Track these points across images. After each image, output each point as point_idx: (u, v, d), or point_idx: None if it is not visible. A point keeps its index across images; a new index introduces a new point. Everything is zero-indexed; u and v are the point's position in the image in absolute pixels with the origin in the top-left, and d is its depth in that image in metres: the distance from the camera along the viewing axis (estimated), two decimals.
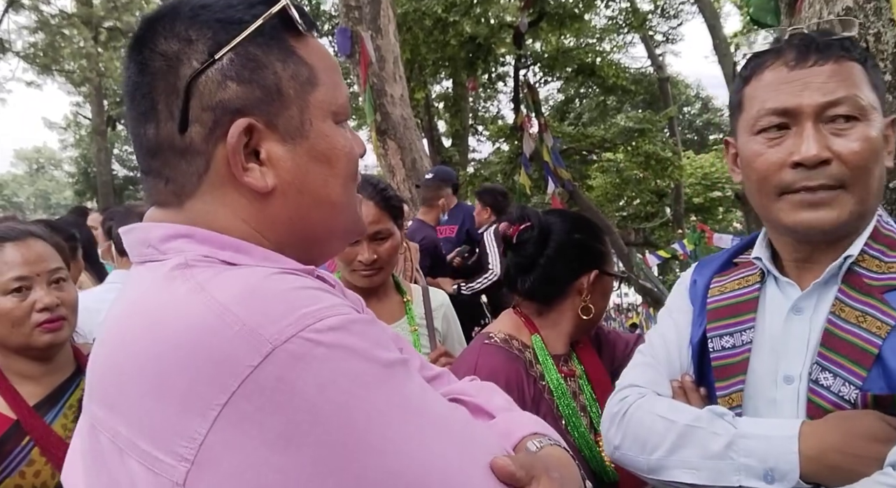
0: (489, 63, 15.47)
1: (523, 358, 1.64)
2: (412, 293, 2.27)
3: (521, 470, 0.71)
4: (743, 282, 1.22)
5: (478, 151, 23.11)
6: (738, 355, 1.15)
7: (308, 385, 0.62)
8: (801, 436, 0.99)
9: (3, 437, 1.50)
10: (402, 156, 7.13)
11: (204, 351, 0.62)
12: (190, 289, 0.68)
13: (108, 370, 0.70)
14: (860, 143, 1.04)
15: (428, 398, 0.72)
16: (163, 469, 0.63)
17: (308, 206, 0.79)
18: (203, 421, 0.61)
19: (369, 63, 6.82)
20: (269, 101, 0.75)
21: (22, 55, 18.92)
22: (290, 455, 0.61)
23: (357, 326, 0.68)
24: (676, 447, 1.10)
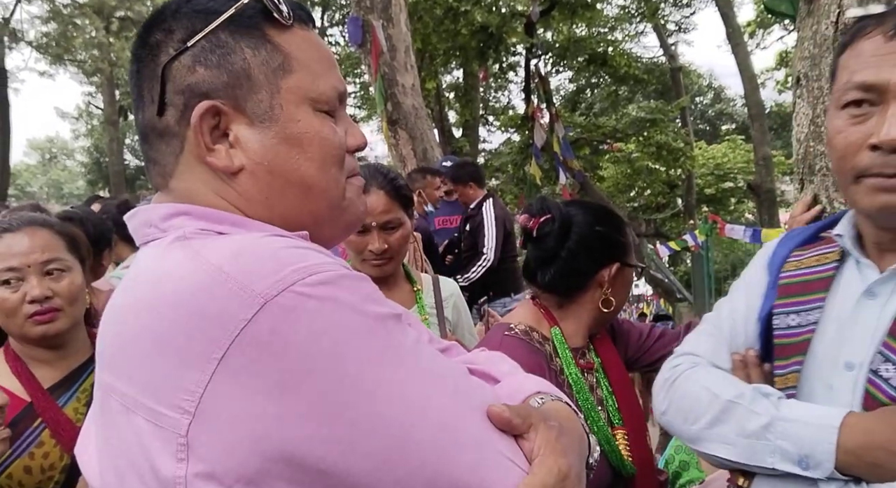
0: (500, 52, 15.39)
1: (544, 350, 1.63)
2: (422, 282, 2.28)
3: (517, 418, 0.73)
4: (821, 258, 1.15)
5: (488, 141, 23.05)
6: (800, 335, 1.10)
7: (300, 335, 0.65)
8: (844, 428, 0.96)
9: (16, 419, 1.52)
10: (414, 146, 7.13)
11: (199, 308, 0.66)
12: (186, 255, 0.72)
13: (114, 337, 0.74)
14: None
15: (422, 350, 0.73)
16: (166, 422, 0.66)
17: (281, 187, 0.81)
18: (202, 375, 0.64)
19: (380, 52, 6.80)
20: (236, 85, 0.79)
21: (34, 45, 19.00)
22: (286, 403, 0.64)
23: (347, 281, 0.70)
24: (716, 421, 1.09)
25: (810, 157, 1.59)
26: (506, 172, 17.14)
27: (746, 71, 15.64)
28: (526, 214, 1.76)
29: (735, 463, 1.08)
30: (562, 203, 1.77)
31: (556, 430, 0.75)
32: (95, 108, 29.18)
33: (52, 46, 19.17)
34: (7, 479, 1.50)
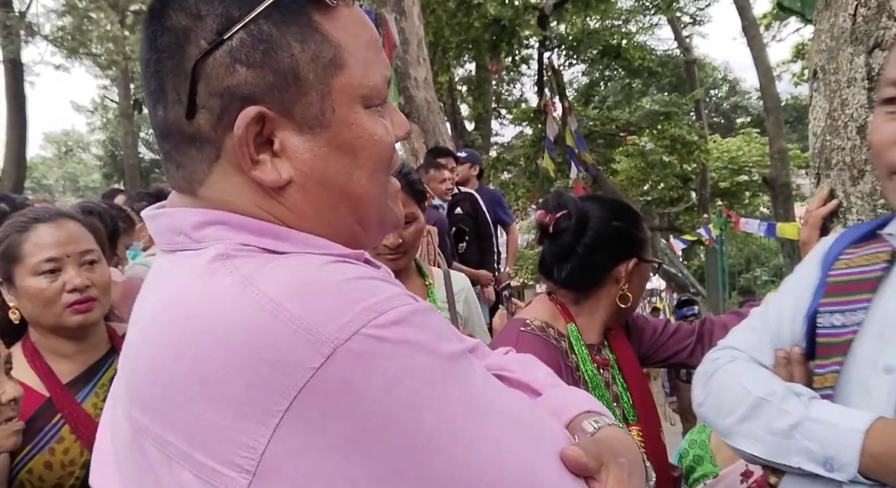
0: (513, 45, 15.31)
1: (560, 347, 1.62)
2: (434, 276, 2.28)
3: (592, 461, 0.67)
4: (872, 258, 1.13)
5: (501, 135, 23.01)
6: (843, 335, 1.09)
7: (374, 385, 0.58)
8: (871, 432, 0.96)
9: (35, 414, 1.53)
10: (426, 140, 7.13)
11: (259, 352, 0.58)
12: (235, 282, 0.62)
13: (150, 373, 0.64)
14: None
15: (492, 389, 0.68)
16: (221, 481, 0.59)
17: (332, 200, 0.72)
18: (263, 429, 0.57)
19: (393, 46, 6.80)
20: (283, 88, 0.68)
21: (50, 39, 19.11)
22: (359, 461, 0.58)
23: (419, 318, 0.63)
24: (747, 417, 1.09)
25: (827, 151, 1.58)
26: (518, 166, 17.08)
27: (762, 63, 15.48)
28: (542, 210, 1.75)
29: (763, 460, 1.08)
30: (578, 198, 1.77)
31: (628, 469, 0.70)
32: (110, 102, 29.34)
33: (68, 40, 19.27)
34: (27, 474, 1.51)
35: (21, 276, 1.60)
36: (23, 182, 16.53)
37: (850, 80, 1.48)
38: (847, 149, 1.50)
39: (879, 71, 1.41)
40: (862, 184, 1.46)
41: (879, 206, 1.43)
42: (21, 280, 1.60)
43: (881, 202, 1.42)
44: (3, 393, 1.35)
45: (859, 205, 1.47)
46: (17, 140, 16.08)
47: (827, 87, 1.57)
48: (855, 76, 1.46)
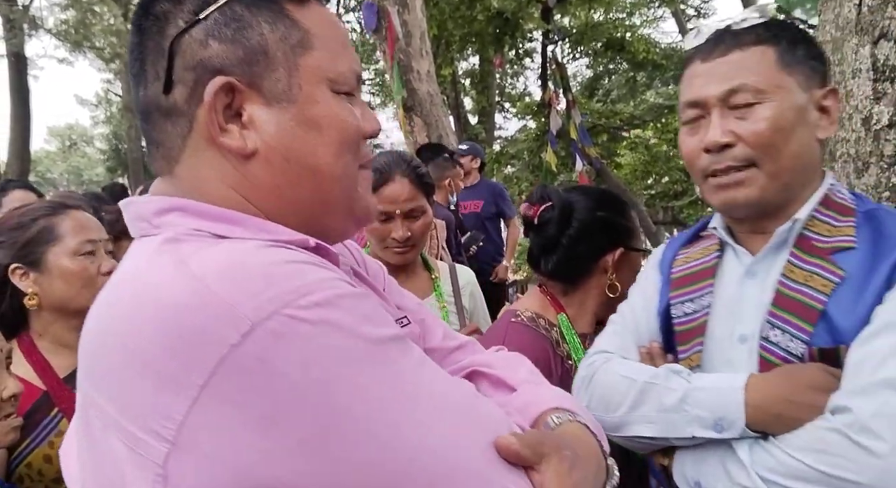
0: (517, 38, 15.26)
1: (550, 337, 1.63)
2: (439, 270, 2.28)
3: (526, 449, 0.68)
4: (704, 251, 1.31)
5: (504, 128, 22.96)
6: (697, 319, 1.24)
7: (290, 364, 0.60)
8: (748, 387, 1.07)
9: (33, 408, 1.53)
10: (429, 133, 7.10)
11: (182, 328, 0.60)
12: (172, 262, 0.65)
13: (92, 345, 0.69)
14: (764, 123, 1.11)
15: (425, 375, 0.68)
16: (144, 448, 0.61)
17: (296, 174, 0.75)
18: (183, 401, 0.59)
19: (396, 38, 6.78)
20: (252, 62, 0.73)
21: (53, 32, 19.13)
22: (272, 436, 0.59)
23: (345, 301, 0.65)
24: (637, 403, 1.18)
25: (832, 143, 1.57)
26: (521, 159, 17.04)
27: None
28: (526, 203, 1.76)
29: (657, 441, 1.17)
30: (563, 189, 1.77)
31: (570, 461, 0.71)
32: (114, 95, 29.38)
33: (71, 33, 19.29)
34: (26, 468, 1.50)
35: (57, 257, 1.61)
36: (27, 176, 16.57)
37: (855, 71, 1.46)
38: (852, 140, 1.49)
39: (885, 62, 1.40)
40: (867, 176, 1.45)
41: (884, 199, 1.42)
42: (57, 260, 1.61)
43: (886, 194, 1.41)
44: (3, 389, 1.34)
45: None
46: (20, 134, 16.11)
47: (832, 79, 1.56)
48: (860, 67, 1.45)
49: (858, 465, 0.95)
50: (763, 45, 1.15)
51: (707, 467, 1.10)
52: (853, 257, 1.09)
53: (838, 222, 1.15)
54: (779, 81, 1.13)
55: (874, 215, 1.14)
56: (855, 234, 1.12)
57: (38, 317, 1.65)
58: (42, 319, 1.64)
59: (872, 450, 0.95)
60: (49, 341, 1.64)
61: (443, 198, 4.99)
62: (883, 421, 0.95)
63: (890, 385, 0.97)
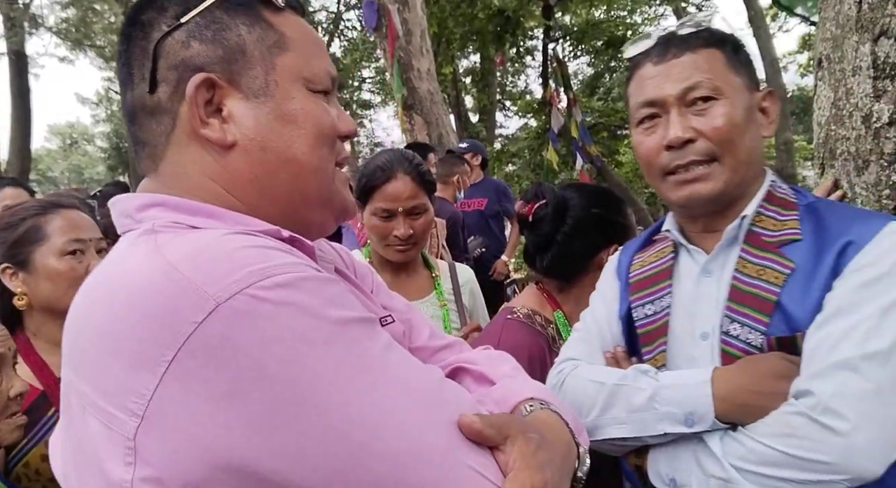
0: (517, 37, 15.25)
1: (546, 333, 1.64)
2: (440, 268, 2.28)
3: (490, 429, 0.69)
4: (659, 254, 1.35)
5: (505, 127, 22.95)
6: (659, 320, 1.27)
7: (252, 342, 0.62)
8: (714, 380, 1.11)
9: (31, 407, 1.52)
10: (429, 132, 7.10)
11: (151, 308, 0.63)
12: (146, 250, 0.69)
13: (75, 333, 0.72)
14: (721, 119, 1.17)
15: (391, 357, 0.70)
16: (116, 424, 0.64)
17: (273, 165, 0.80)
18: (152, 378, 0.62)
19: (396, 37, 6.77)
20: (231, 60, 0.78)
21: (54, 30, 19.13)
22: (234, 411, 0.62)
23: (308, 284, 0.67)
24: (607, 406, 1.20)
25: (831, 141, 1.56)
26: (522, 158, 17.05)
27: (768, 54, 15.39)
28: (521, 200, 1.76)
29: (629, 442, 1.19)
30: (558, 187, 1.77)
31: (535, 443, 0.72)
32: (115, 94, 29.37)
33: (72, 32, 19.29)
34: (24, 468, 1.50)
35: (43, 257, 1.60)
36: (27, 174, 16.58)
37: (856, 69, 1.46)
38: (852, 138, 1.48)
39: (885, 59, 1.39)
40: (867, 175, 1.45)
41: (884, 197, 1.41)
42: (43, 260, 1.60)
43: (886, 192, 1.41)
44: (10, 388, 1.34)
45: (864, 195, 1.45)
46: (21, 132, 16.11)
47: (832, 76, 1.55)
48: (860, 64, 1.44)
49: (824, 445, 0.99)
50: (711, 47, 1.21)
51: (680, 462, 1.13)
52: (800, 249, 1.15)
53: (782, 216, 1.21)
54: (730, 81, 1.19)
55: (815, 208, 1.20)
56: (799, 227, 1.17)
57: (31, 317, 1.64)
58: (34, 319, 1.64)
59: (836, 430, 0.98)
60: (44, 341, 1.63)
61: (450, 195, 4.99)
62: (843, 401, 0.99)
63: (846, 366, 1.02)
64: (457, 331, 2.08)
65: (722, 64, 1.20)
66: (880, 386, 1.00)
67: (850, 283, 1.07)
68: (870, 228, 1.10)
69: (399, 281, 2.09)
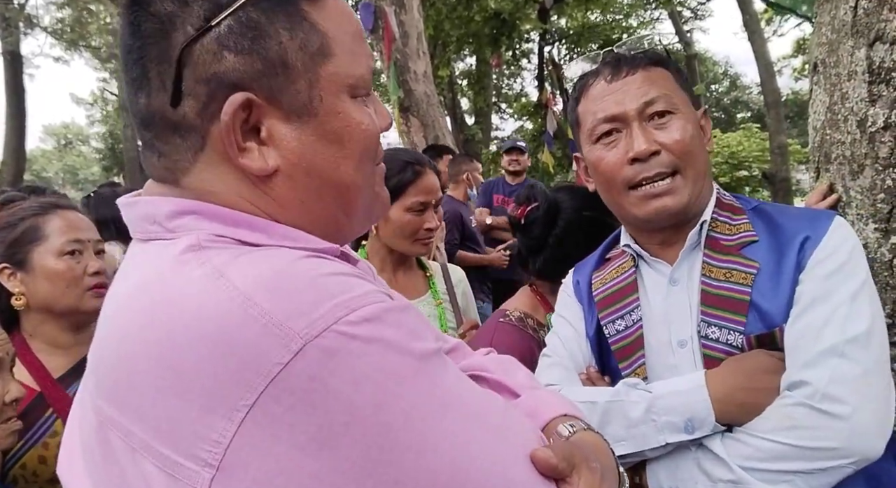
0: (513, 39, 15.29)
1: (538, 337, 1.64)
2: (433, 269, 2.29)
3: (563, 463, 0.68)
4: (619, 270, 1.36)
5: (501, 129, 23.00)
6: (632, 334, 1.28)
7: (343, 383, 0.57)
8: (708, 382, 1.12)
9: (27, 409, 1.51)
10: (425, 134, 7.10)
11: (227, 346, 0.57)
12: (206, 274, 0.61)
13: (118, 362, 0.63)
14: (680, 132, 1.21)
15: (464, 389, 0.67)
16: (184, 474, 0.58)
17: (318, 189, 0.72)
18: (228, 424, 0.56)
19: (393, 39, 6.77)
20: (271, 75, 0.67)
21: (49, 31, 19.07)
22: (325, 458, 0.57)
23: (392, 316, 0.62)
24: (603, 424, 1.18)
25: (826, 145, 1.57)
26: None
27: (763, 58, 15.44)
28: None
29: (629, 458, 1.16)
30: (550, 189, 1.78)
31: (600, 473, 0.71)
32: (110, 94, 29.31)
33: (67, 32, 19.24)
34: (21, 470, 1.49)
35: (42, 257, 1.60)
36: (22, 174, 16.50)
37: (851, 74, 1.46)
38: (847, 143, 1.49)
39: (881, 64, 1.40)
40: (861, 179, 1.45)
41: (879, 201, 1.42)
42: (42, 260, 1.60)
43: (881, 196, 1.41)
44: (6, 393, 1.33)
45: (859, 199, 1.46)
46: (16, 132, 16.05)
47: (827, 81, 1.56)
48: (855, 69, 1.45)
49: (829, 432, 1.00)
50: (660, 67, 1.26)
51: (683, 472, 1.12)
52: (759, 249, 1.19)
53: (734, 220, 1.26)
54: (680, 97, 1.25)
55: (761, 210, 1.26)
56: (753, 229, 1.23)
57: (28, 318, 1.63)
58: (31, 319, 1.63)
59: (838, 414, 1.01)
60: (41, 341, 1.62)
61: (461, 193, 5.01)
62: (840, 386, 1.02)
63: (833, 352, 1.04)
64: (453, 330, 2.09)
65: (672, 81, 1.26)
66: (867, 367, 1.03)
67: (817, 275, 1.12)
68: (821, 224, 1.16)
69: (396, 280, 2.09)
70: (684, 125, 1.22)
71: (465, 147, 14.84)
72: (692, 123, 1.24)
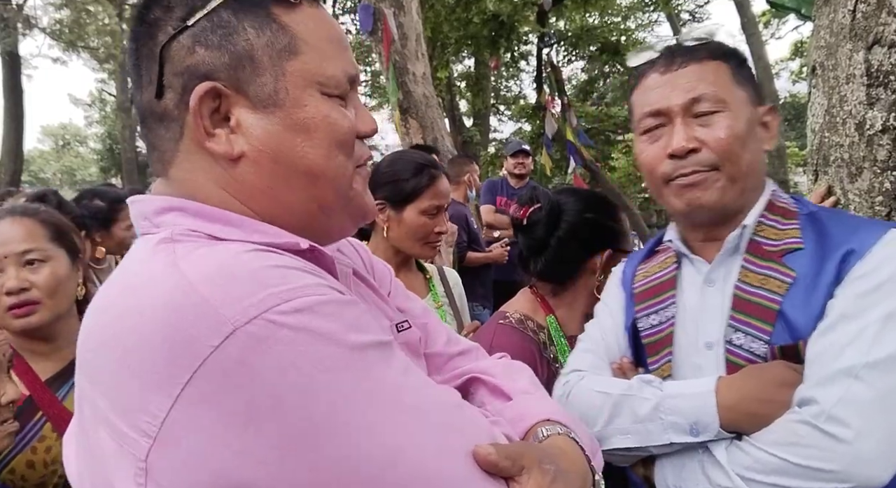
0: (512, 41, 15.26)
1: (537, 339, 1.64)
2: (431, 271, 2.29)
3: (506, 460, 0.68)
4: (662, 264, 1.35)
5: (499, 131, 23.00)
6: (663, 330, 1.27)
7: (268, 368, 0.61)
8: (718, 390, 1.11)
9: (17, 413, 1.47)
10: (424, 135, 7.10)
11: (169, 329, 0.62)
12: (166, 264, 0.67)
13: (88, 342, 0.70)
14: (724, 131, 1.17)
15: (407, 382, 0.69)
16: (128, 443, 0.63)
17: (285, 177, 0.77)
18: (166, 399, 0.61)
19: (391, 41, 6.77)
20: (238, 67, 0.75)
21: (48, 31, 19.05)
22: (249, 437, 0.60)
23: (328, 308, 0.65)
24: (613, 416, 1.20)
25: (825, 148, 1.57)
26: None
27: (761, 61, 15.48)
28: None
29: (635, 452, 1.19)
30: (552, 191, 1.78)
31: (551, 476, 0.71)
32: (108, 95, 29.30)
33: (65, 33, 19.23)
34: (10, 474, 1.46)
35: None
36: (20, 175, 16.49)
37: (849, 77, 1.47)
38: (845, 145, 1.50)
39: (879, 67, 1.41)
40: (860, 181, 1.46)
41: (877, 203, 1.43)
42: None
43: (879, 199, 1.42)
44: (3, 395, 1.31)
45: (857, 201, 1.47)
46: (14, 133, 16.04)
47: (826, 84, 1.57)
48: (854, 72, 1.45)
49: (829, 454, 0.98)
50: (717, 60, 1.22)
51: (687, 472, 1.13)
52: (801, 257, 1.15)
53: (783, 225, 1.21)
54: (733, 94, 1.20)
55: (816, 217, 1.20)
56: (801, 236, 1.18)
57: None
58: None
59: (840, 438, 0.98)
60: (25, 349, 1.58)
61: (461, 194, 5.01)
62: (847, 409, 0.99)
63: (849, 373, 1.01)
64: None
65: (727, 77, 1.21)
66: (883, 394, 0.99)
67: (852, 291, 1.07)
68: (871, 236, 1.10)
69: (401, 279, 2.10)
70: (731, 123, 1.18)
71: (464, 149, 14.84)
72: (743, 121, 1.19)
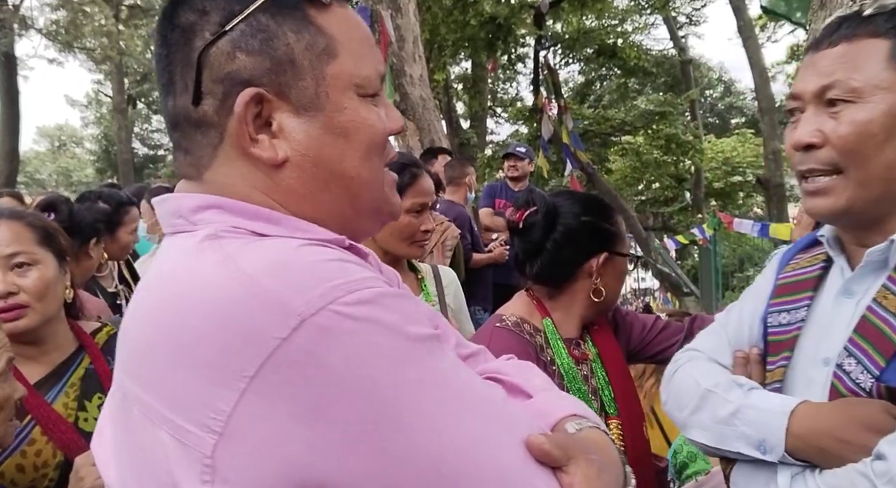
0: (509, 44, 15.29)
1: (534, 342, 1.64)
2: (424, 271, 2.30)
3: (557, 450, 0.69)
4: (813, 260, 1.20)
5: (496, 133, 23.04)
6: (789, 332, 1.15)
7: (336, 358, 0.61)
8: (795, 415, 1.01)
9: None
10: (421, 138, 7.11)
11: (232, 323, 0.62)
12: (218, 259, 0.68)
13: (138, 342, 0.70)
14: (847, 127, 1.01)
15: (461, 374, 0.70)
16: (192, 440, 0.63)
17: (325, 180, 0.77)
18: (232, 394, 0.61)
19: (389, 43, 6.78)
20: (279, 72, 0.75)
21: (44, 32, 19.02)
22: (318, 428, 0.61)
23: (388, 300, 0.67)
24: (697, 408, 1.15)
25: None
26: None
27: (757, 64, 15.54)
28: (512, 207, 1.77)
29: (711, 448, 1.13)
30: (548, 194, 1.78)
31: (598, 466, 0.72)
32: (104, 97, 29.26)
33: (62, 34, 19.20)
34: None
35: None
36: (15, 176, 16.46)
37: None
38: None
39: None
40: None
41: None
42: None
43: None
44: (14, 392, 1.29)
45: None
46: (10, 134, 16.00)
47: None
48: None
49: None
50: (878, 37, 1.01)
51: (755, 485, 1.07)
52: None
53: None
54: (881, 81, 1.00)
55: None
56: None
57: None
58: None
59: None
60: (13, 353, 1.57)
61: (461, 196, 5.00)
62: None
63: None
64: None
65: (881, 59, 1.00)
66: None
67: None
68: None
69: None
70: (865, 118, 1.00)
71: (461, 151, 14.85)
72: (886, 115, 1.00)
